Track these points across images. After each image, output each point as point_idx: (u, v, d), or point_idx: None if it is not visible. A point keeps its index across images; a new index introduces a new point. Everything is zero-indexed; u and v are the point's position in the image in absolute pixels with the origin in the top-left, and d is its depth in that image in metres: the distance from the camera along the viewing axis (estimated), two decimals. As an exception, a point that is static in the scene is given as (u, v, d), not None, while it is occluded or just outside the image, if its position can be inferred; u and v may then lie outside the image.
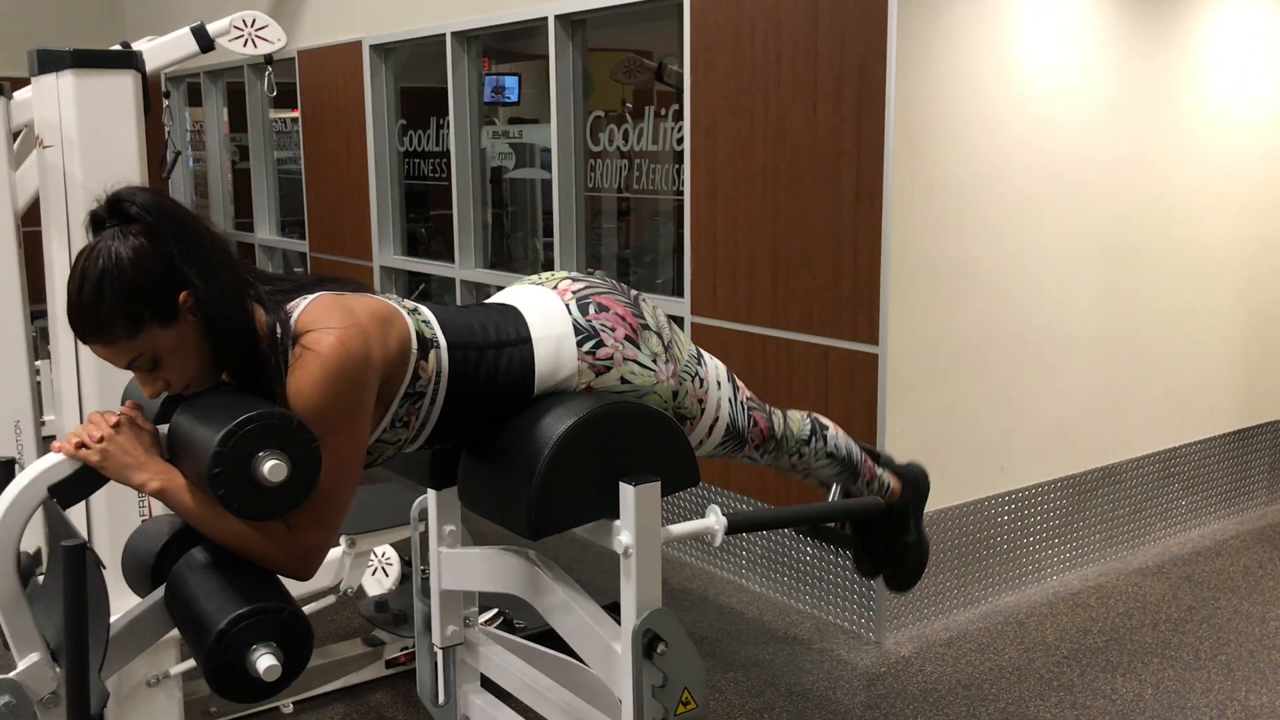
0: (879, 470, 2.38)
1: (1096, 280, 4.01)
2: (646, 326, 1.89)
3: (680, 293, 4.19)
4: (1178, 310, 4.31)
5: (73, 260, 1.57)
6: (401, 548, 3.38)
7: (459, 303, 5.38)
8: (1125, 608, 3.82)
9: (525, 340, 1.82)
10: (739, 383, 2.10)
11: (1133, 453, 4.25)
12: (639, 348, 1.86)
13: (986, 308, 3.69)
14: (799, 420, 2.21)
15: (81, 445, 1.57)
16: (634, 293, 1.95)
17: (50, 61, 2.59)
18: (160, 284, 1.54)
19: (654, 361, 1.87)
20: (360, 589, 3.25)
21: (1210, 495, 4.57)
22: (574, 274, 1.97)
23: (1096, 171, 3.94)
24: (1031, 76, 3.69)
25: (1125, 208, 4.06)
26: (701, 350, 2.04)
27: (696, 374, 1.95)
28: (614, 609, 1.94)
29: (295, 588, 1.62)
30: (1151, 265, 4.19)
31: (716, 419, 2.00)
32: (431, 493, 2.14)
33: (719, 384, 2.01)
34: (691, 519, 1.94)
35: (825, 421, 2.28)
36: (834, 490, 2.36)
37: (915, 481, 2.44)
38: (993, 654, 3.50)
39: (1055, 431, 3.97)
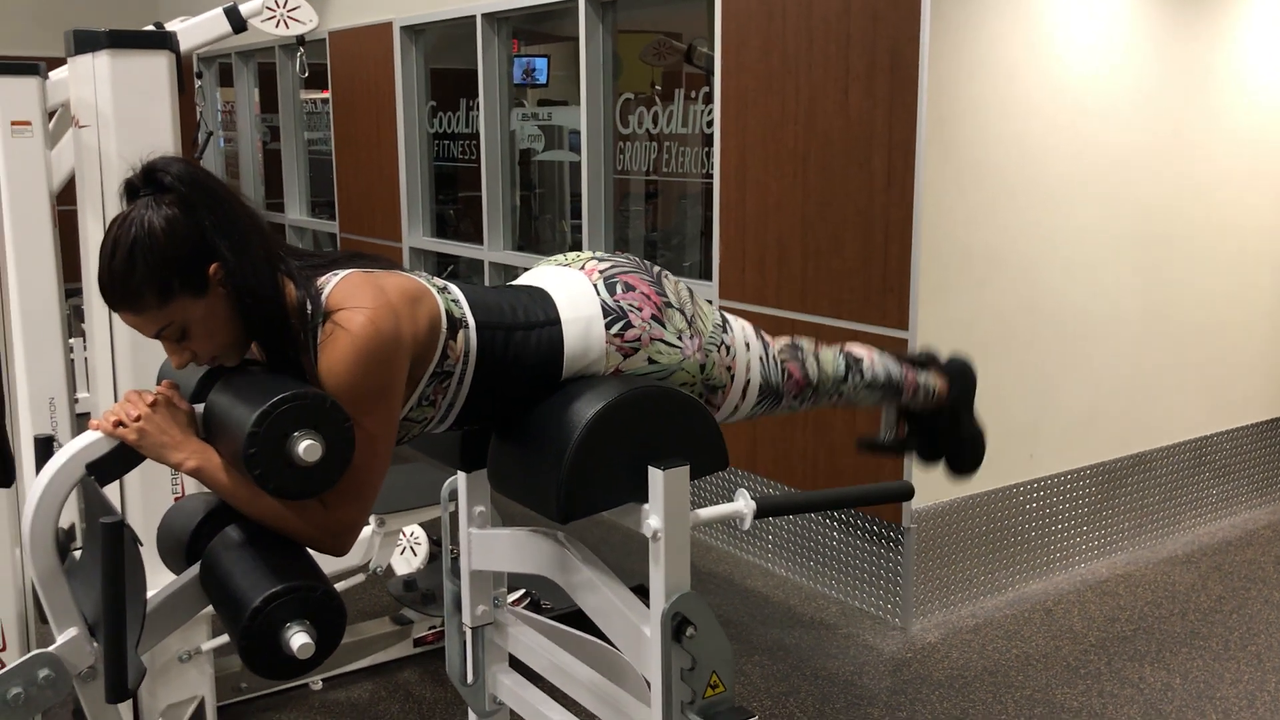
0: (921, 379, 2.36)
1: (1129, 266, 3.97)
2: (670, 304, 1.89)
3: (708, 276, 4.19)
4: (1212, 297, 4.27)
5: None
6: (430, 528, 3.40)
7: (487, 284, 5.39)
8: (1154, 596, 3.80)
9: (554, 322, 1.82)
10: (768, 338, 2.09)
11: (1163, 440, 4.22)
12: (664, 326, 1.86)
13: (1017, 293, 3.66)
14: (832, 360, 2.19)
15: (119, 424, 1.58)
16: (656, 269, 1.95)
17: (87, 42, 2.61)
18: (191, 255, 1.55)
19: (679, 338, 1.87)
20: (389, 568, 3.27)
21: (1242, 484, 4.53)
22: (599, 254, 1.96)
23: (1131, 156, 3.90)
24: (1066, 60, 3.65)
25: (1160, 192, 4.02)
26: (726, 315, 2.03)
27: (722, 343, 1.95)
28: (640, 591, 1.95)
29: (325, 566, 1.63)
30: (1186, 251, 4.14)
31: (748, 381, 1.99)
32: (461, 474, 2.15)
33: (747, 345, 2.00)
34: (718, 502, 1.95)
35: (859, 353, 2.26)
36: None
37: (961, 376, 2.42)
38: (1020, 641, 3.49)
39: (1085, 418, 3.94)
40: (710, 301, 2.13)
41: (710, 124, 4.15)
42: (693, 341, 1.89)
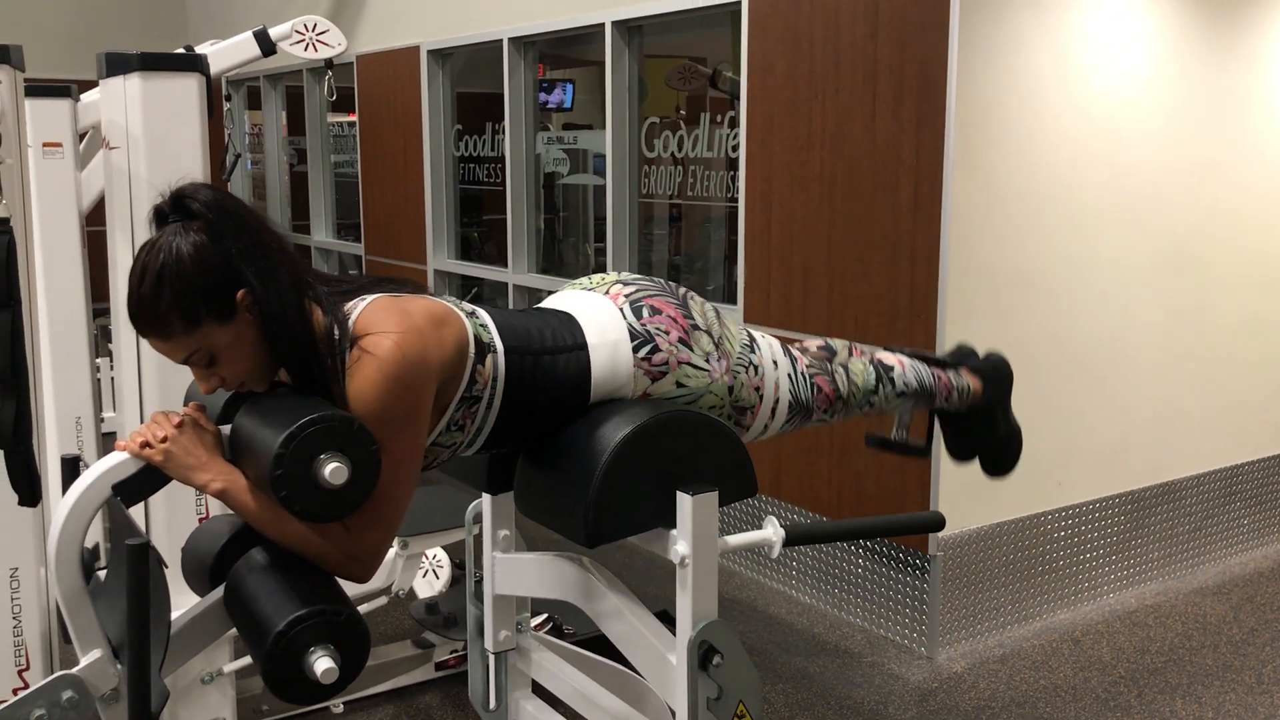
0: (955, 380, 2.33)
1: (1159, 293, 3.94)
2: (696, 326, 1.87)
3: (733, 299, 4.17)
4: (1243, 324, 4.22)
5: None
6: (453, 550, 3.39)
7: (511, 307, 5.39)
8: (1184, 628, 3.74)
9: (581, 346, 1.81)
10: (796, 353, 2.07)
11: (1193, 469, 4.16)
12: (692, 349, 1.85)
13: (1046, 320, 3.63)
14: (862, 371, 2.16)
15: (145, 445, 1.58)
16: (682, 291, 1.94)
17: (118, 64, 2.63)
18: (219, 281, 1.55)
19: (707, 361, 1.86)
20: (411, 591, 3.26)
21: (1274, 514, 4.46)
22: (623, 276, 1.96)
23: (1161, 182, 3.87)
24: (1095, 84, 3.63)
25: (1190, 219, 3.98)
26: (753, 333, 2.02)
27: (750, 363, 1.93)
28: (663, 616, 1.93)
29: (348, 589, 1.63)
30: (1217, 278, 4.10)
31: (777, 400, 1.97)
32: (486, 497, 2.14)
33: (775, 364, 1.99)
34: (741, 528, 1.93)
35: (889, 361, 2.22)
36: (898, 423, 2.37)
37: (996, 375, 2.39)
38: (1047, 672, 3.44)
39: (1114, 447, 3.90)
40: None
41: (735, 148, 4.15)
42: (720, 364, 1.87)
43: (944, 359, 2.39)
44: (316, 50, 3.91)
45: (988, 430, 2.40)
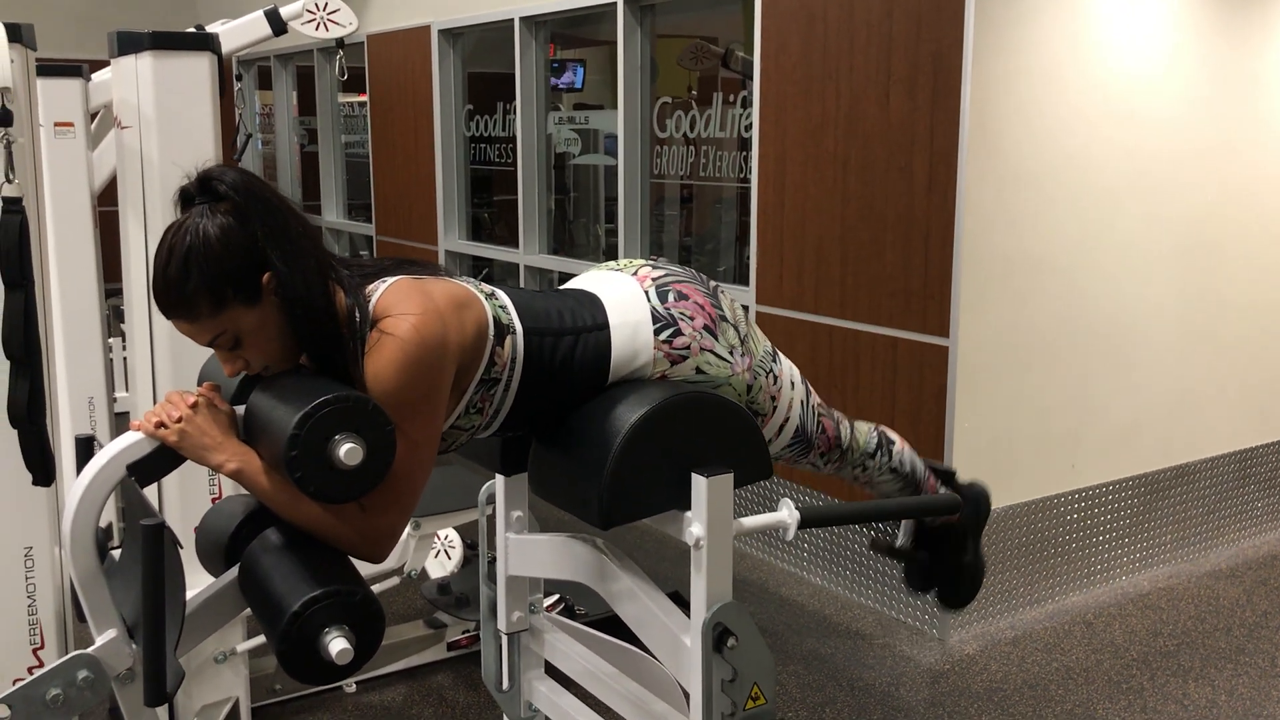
0: (941, 489, 2.34)
1: (1174, 275, 3.91)
2: (724, 318, 1.87)
3: (744, 281, 4.16)
4: (1258, 306, 4.19)
5: (160, 236, 1.58)
6: (465, 531, 3.39)
7: (524, 287, 5.39)
8: (1197, 611, 3.73)
9: (602, 326, 1.80)
10: (810, 388, 2.08)
11: (1207, 452, 4.14)
12: (716, 339, 1.84)
13: (1060, 301, 3.61)
14: (865, 433, 2.19)
15: (160, 425, 1.58)
16: (713, 283, 1.93)
17: (130, 43, 2.62)
18: (246, 264, 1.55)
19: (730, 353, 1.85)
20: (423, 571, 3.27)
21: (1287, 498, 4.45)
22: (654, 260, 1.95)
23: (1177, 163, 3.83)
24: (1112, 65, 3.59)
25: (1207, 201, 3.95)
26: (776, 349, 2.02)
27: (771, 370, 1.93)
28: (675, 598, 1.93)
29: (360, 569, 1.62)
30: (1232, 260, 4.07)
31: (787, 419, 1.97)
32: (500, 478, 2.13)
33: (792, 384, 1.99)
34: (753, 510, 1.92)
35: (892, 436, 2.25)
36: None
37: (977, 502, 2.38)
38: (1059, 654, 3.43)
39: (1128, 429, 3.88)
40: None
41: (748, 128, 4.12)
42: (743, 360, 1.87)
43: (936, 467, 2.39)
44: (328, 29, 3.89)
45: (956, 554, 2.37)
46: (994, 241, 3.42)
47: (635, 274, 1.89)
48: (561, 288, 1.96)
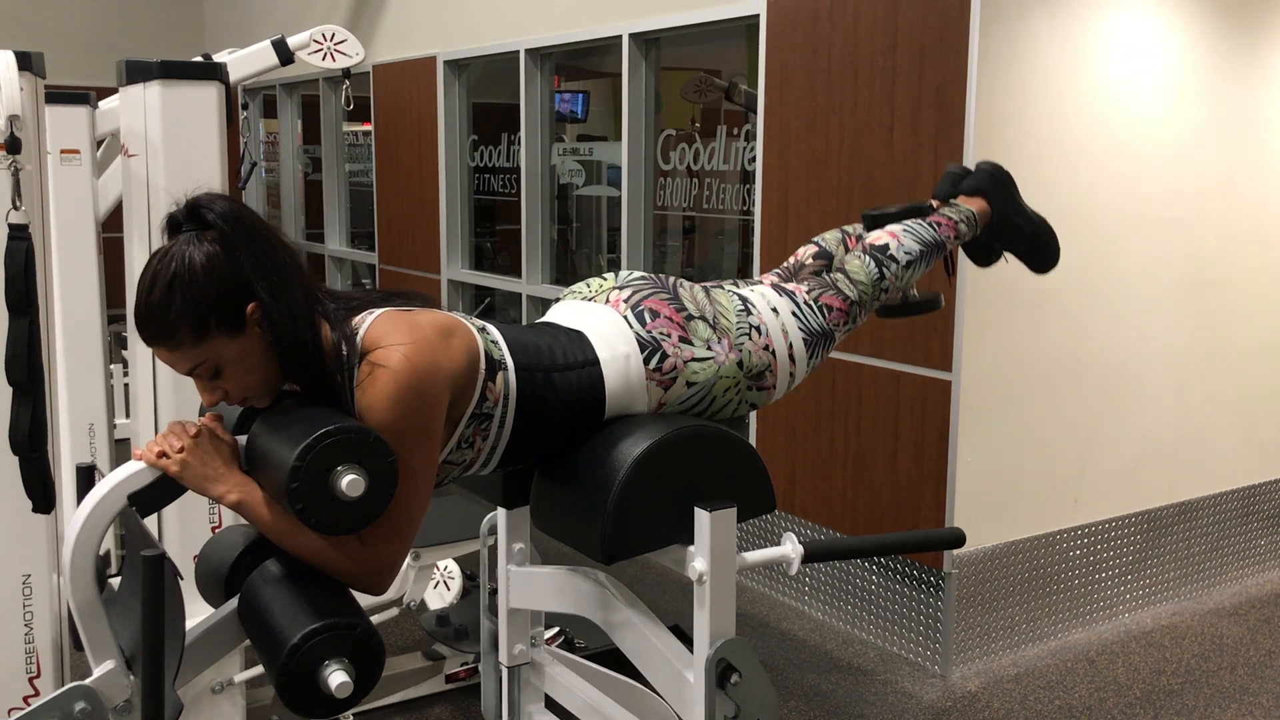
0: (956, 214, 2.26)
1: (1177, 311, 3.91)
2: (690, 316, 1.86)
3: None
4: (1262, 344, 4.19)
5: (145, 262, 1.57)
6: (464, 562, 3.37)
7: (525, 318, 5.39)
8: (1201, 649, 3.70)
9: (593, 363, 1.79)
10: (792, 286, 2.02)
11: (1211, 489, 4.13)
12: (693, 343, 1.84)
13: (1063, 337, 3.61)
14: (861, 266, 2.09)
15: (162, 454, 1.57)
16: (671, 280, 1.92)
17: (138, 72, 2.64)
18: (230, 293, 1.54)
19: (709, 347, 1.85)
20: (422, 602, 3.24)
21: (1291, 535, 4.43)
22: (619, 279, 1.93)
23: (1181, 200, 3.84)
24: (1115, 101, 3.61)
25: (1211, 237, 3.96)
26: (743, 291, 1.99)
27: (750, 327, 1.91)
28: (676, 631, 1.91)
29: (358, 600, 1.61)
30: (1236, 297, 4.07)
31: (790, 345, 1.95)
32: (501, 510, 2.12)
33: (775, 311, 1.96)
34: (755, 544, 1.91)
35: (882, 240, 2.14)
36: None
37: (995, 183, 2.33)
38: (1062, 692, 3.40)
39: (1131, 465, 3.87)
40: (734, 284, 2.06)
41: (751, 161, 4.14)
42: (722, 344, 1.86)
43: (936, 196, 2.32)
44: (334, 60, 3.92)
45: (1013, 239, 2.35)
46: (996, 277, 3.40)
47: (608, 301, 1.89)
48: (542, 321, 1.95)
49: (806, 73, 3.80)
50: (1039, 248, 2.39)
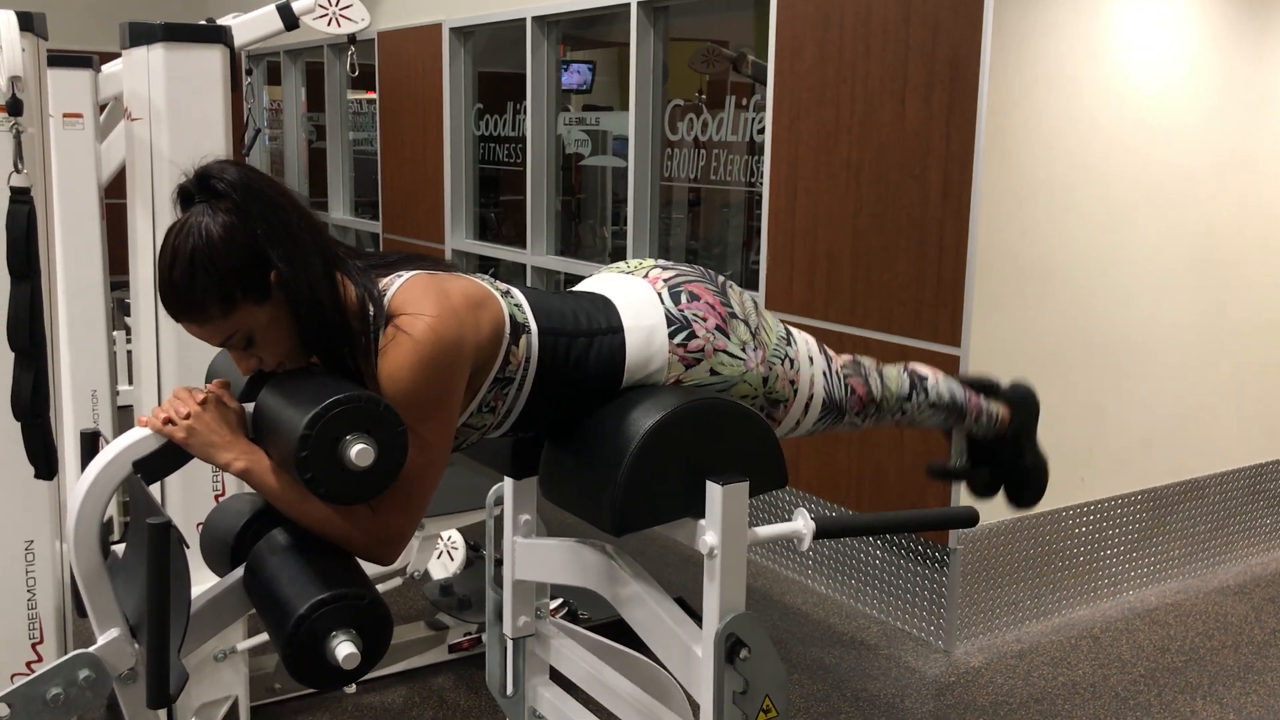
0: (985, 404, 2.31)
1: (1188, 288, 3.88)
2: (734, 315, 1.84)
3: (753, 285, 4.13)
4: (1272, 323, 4.16)
5: (162, 235, 1.55)
6: (468, 532, 3.37)
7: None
8: (1205, 627, 3.70)
9: (617, 330, 1.77)
10: (831, 353, 2.05)
11: (1217, 467, 4.11)
12: (728, 337, 1.82)
13: (1073, 312, 3.58)
14: (896, 378, 2.14)
15: (168, 421, 1.55)
16: (721, 279, 1.91)
17: (141, 35, 2.60)
18: (252, 262, 1.51)
19: (743, 350, 1.83)
20: (426, 572, 3.24)
21: (1296, 514, 4.42)
22: (662, 261, 1.93)
23: (1194, 176, 3.81)
24: (1129, 76, 3.56)
25: (1223, 215, 3.92)
26: (790, 328, 1.99)
27: (786, 355, 1.90)
28: (681, 604, 1.90)
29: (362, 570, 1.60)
30: (1247, 275, 4.04)
31: (811, 396, 1.95)
32: (508, 481, 2.10)
33: (810, 359, 1.96)
34: (762, 519, 1.89)
35: (924, 371, 2.21)
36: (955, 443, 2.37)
37: (1024, 404, 2.36)
38: (1066, 668, 3.40)
39: (1138, 443, 3.85)
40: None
41: (759, 132, 4.10)
42: (756, 354, 1.84)
43: (973, 381, 2.37)
44: (339, 25, 3.87)
45: (1015, 459, 2.37)
46: (1008, 250, 3.39)
47: (646, 276, 1.86)
48: (573, 289, 1.93)
49: (817, 44, 3.76)
50: (1029, 480, 2.40)
